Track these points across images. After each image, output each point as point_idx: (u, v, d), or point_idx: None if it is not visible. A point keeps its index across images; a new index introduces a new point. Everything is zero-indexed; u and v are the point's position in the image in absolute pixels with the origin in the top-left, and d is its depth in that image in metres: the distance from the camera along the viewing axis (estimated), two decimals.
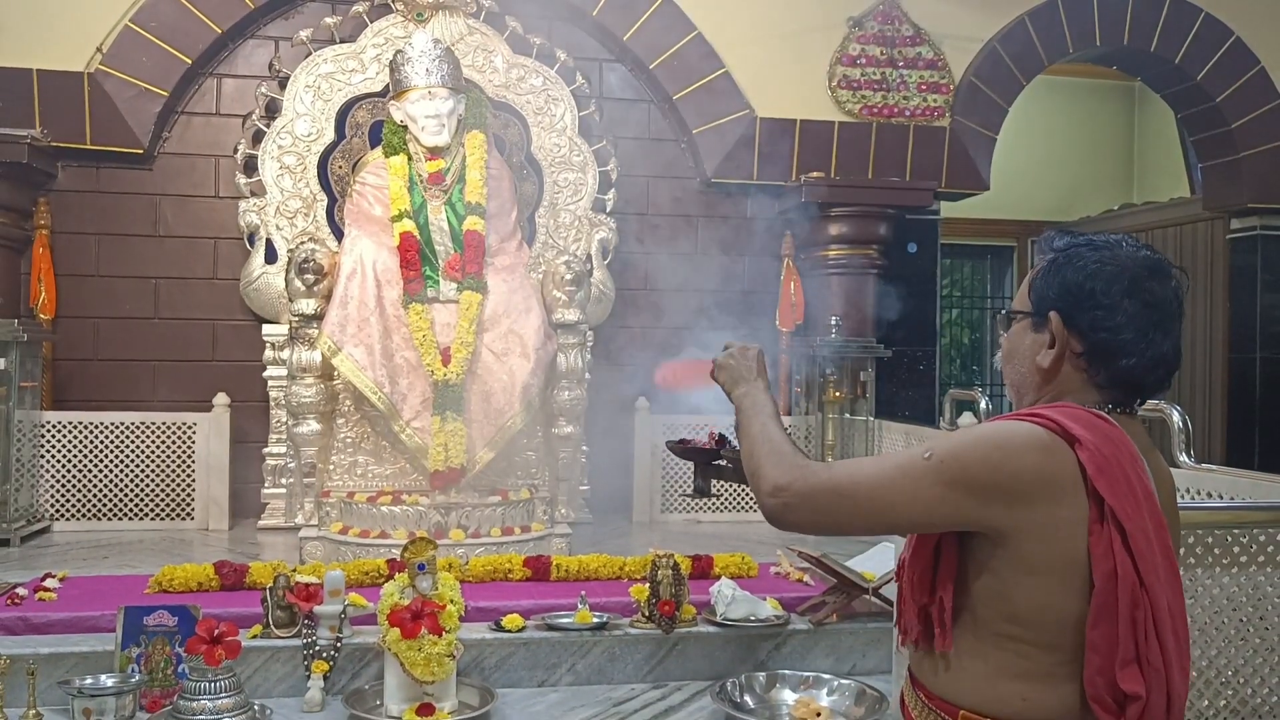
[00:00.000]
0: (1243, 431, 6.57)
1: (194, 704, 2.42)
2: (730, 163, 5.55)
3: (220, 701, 2.44)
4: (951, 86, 5.74)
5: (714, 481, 2.05)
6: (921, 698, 1.49)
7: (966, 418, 4.70)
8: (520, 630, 2.87)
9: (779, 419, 1.63)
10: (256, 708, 2.52)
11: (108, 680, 2.48)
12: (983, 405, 4.73)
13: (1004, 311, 1.55)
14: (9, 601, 3.12)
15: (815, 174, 5.50)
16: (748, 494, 5.16)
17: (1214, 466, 3.53)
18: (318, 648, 2.70)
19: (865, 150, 5.66)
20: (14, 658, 2.25)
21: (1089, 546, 1.33)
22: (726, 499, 5.17)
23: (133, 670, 2.55)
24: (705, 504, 5.14)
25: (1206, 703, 2.52)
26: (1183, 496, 3.39)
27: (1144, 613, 1.32)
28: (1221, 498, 3.23)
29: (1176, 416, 3.40)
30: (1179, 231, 7.15)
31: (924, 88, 5.70)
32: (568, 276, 4.51)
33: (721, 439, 2.10)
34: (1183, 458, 3.41)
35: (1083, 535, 1.33)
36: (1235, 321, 6.63)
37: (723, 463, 2.02)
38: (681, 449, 2.11)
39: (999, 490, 1.34)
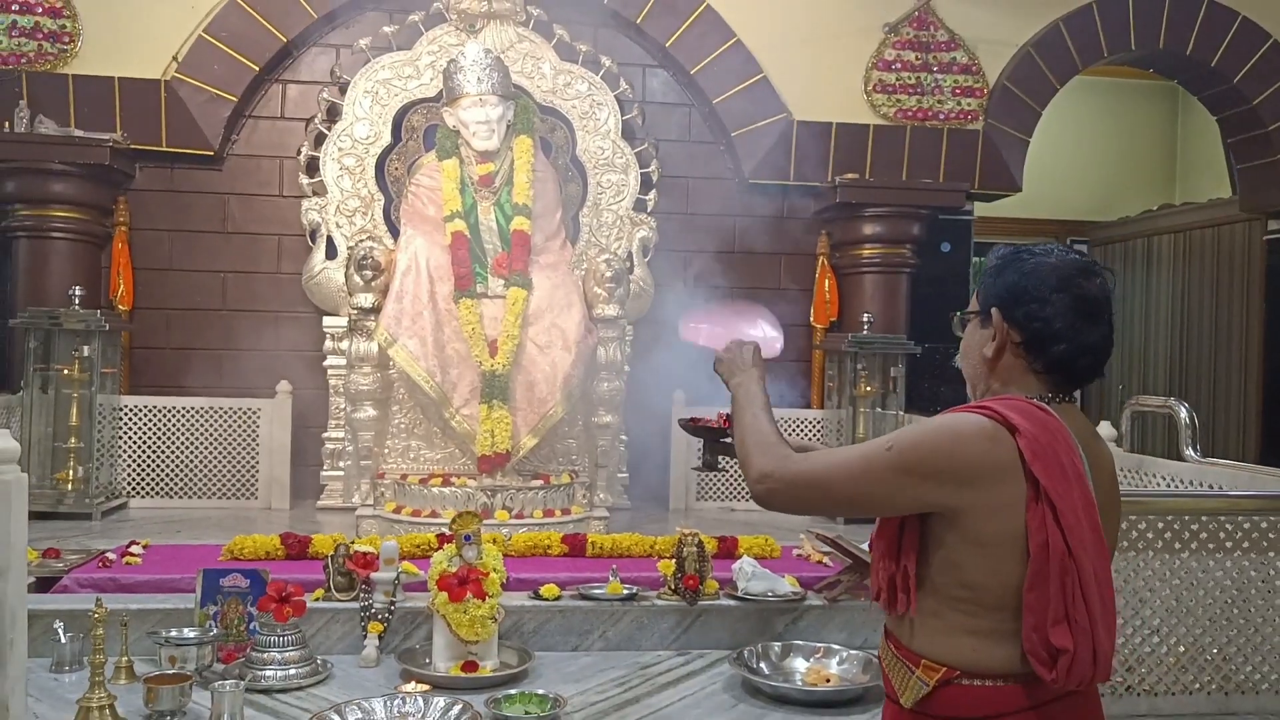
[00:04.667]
0: (1279, 430, 6.63)
1: (264, 655, 2.71)
2: (768, 164, 5.75)
3: (287, 654, 2.73)
4: (985, 90, 5.88)
5: (721, 457, 2.25)
6: (892, 649, 1.72)
7: None
8: (557, 599, 3.12)
9: (769, 410, 1.83)
10: (319, 661, 2.80)
11: (189, 633, 2.77)
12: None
13: (959, 313, 1.78)
14: (100, 564, 3.46)
15: (850, 175, 5.68)
16: None
17: (1217, 460, 3.68)
18: (374, 610, 2.97)
19: (899, 152, 5.83)
20: (109, 611, 2.55)
21: (1026, 521, 1.53)
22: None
23: (210, 626, 2.84)
24: (739, 493, 5.36)
25: (1192, 677, 2.70)
26: (1188, 488, 3.56)
27: (1072, 578, 1.52)
28: (1222, 489, 3.39)
29: (1184, 413, 3.57)
30: (1216, 232, 7.21)
31: (958, 91, 5.85)
32: (608, 274, 4.75)
33: (729, 419, 2.32)
34: (1189, 452, 3.57)
35: (1021, 512, 1.54)
36: (1271, 321, 6.69)
37: (729, 440, 2.22)
38: (692, 426, 2.33)
39: (952, 474, 1.55)
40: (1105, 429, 4.16)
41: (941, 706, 1.61)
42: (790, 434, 5.42)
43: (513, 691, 2.60)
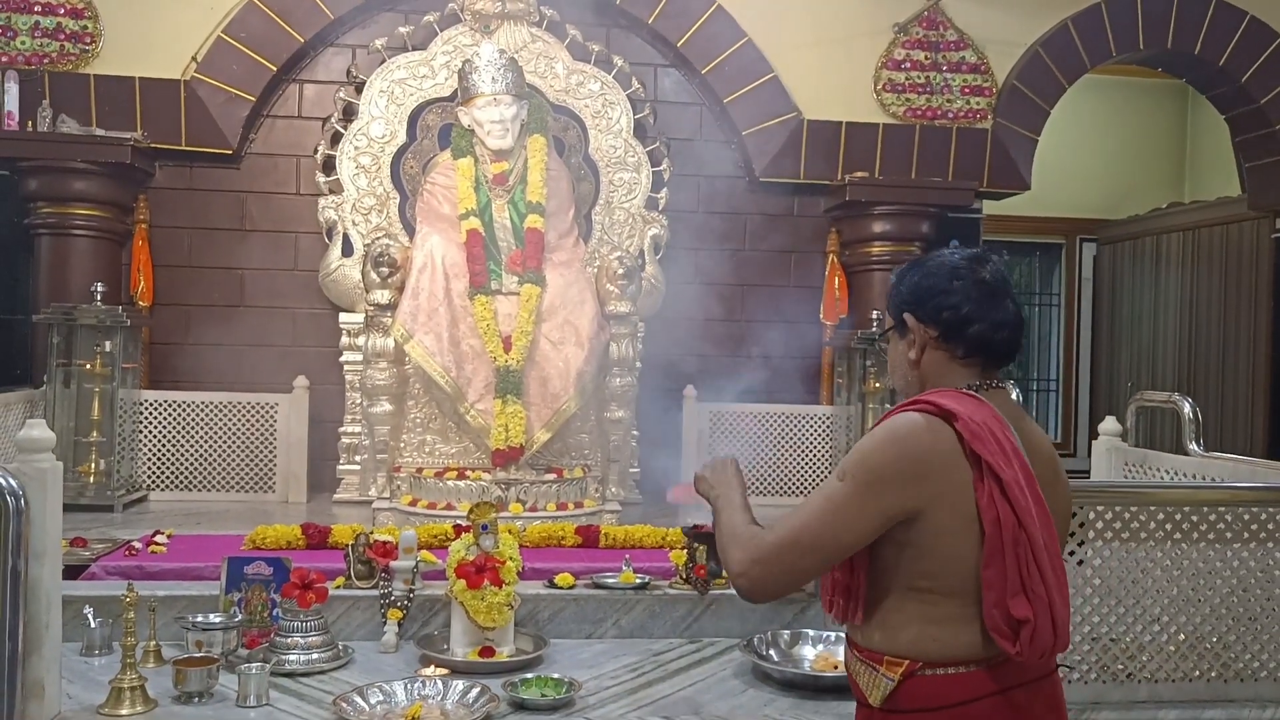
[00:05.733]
0: None
1: (287, 640, 2.79)
2: (778, 163, 5.81)
3: (310, 639, 2.80)
4: (994, 90, 5.93)
5: None
6: (855, 653, 1.77)
7: None
8: (571, 588, 3.19)
9: (747, 510, 1.83)
10: (340, 647, 2.87)
11: (215, 619, 2.85)
12: (1014, 396, 4.94)
13: (876, 336, 1.87)
14: (126, 553, 3.56)
15: (860, 174, 5.74)
16: (790, 480, 5.44)
17: (1220, 454, 3.74)
18: (393, 598, 3.04)
19: (908, 151, 5.88)
20: (139, 596, 2.63)
21: (976, 501, 1.60)
22: (773, 482, 5.45)
23: (235, 612, 2.91)
24: (751, 488, 5.37)
25: (1192, 664, 2.75)
26: (1190, 480, 3.61)
27: (1025, 550, 1.59)
28: (1224, 482, 3.45)
29: (1187, 408, 3.63)
30: (1225, 230, 7.25)
31: (967, 91, 5.91)
32: (620, 271, 4.83)
33: None
34: (1192, 446, 3.63)
35: (971, 494, 1.61)
36: (1279, 319, 6.73)
37: None
38: (697, 534, 2.40)
39: (907, 476, 1.61)
40: (1111, 424, 4.22)
41: (909, 700, 1.65)
42: (799, 430, 5.50)
43: (529, 676, 2.67)
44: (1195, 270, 7.52)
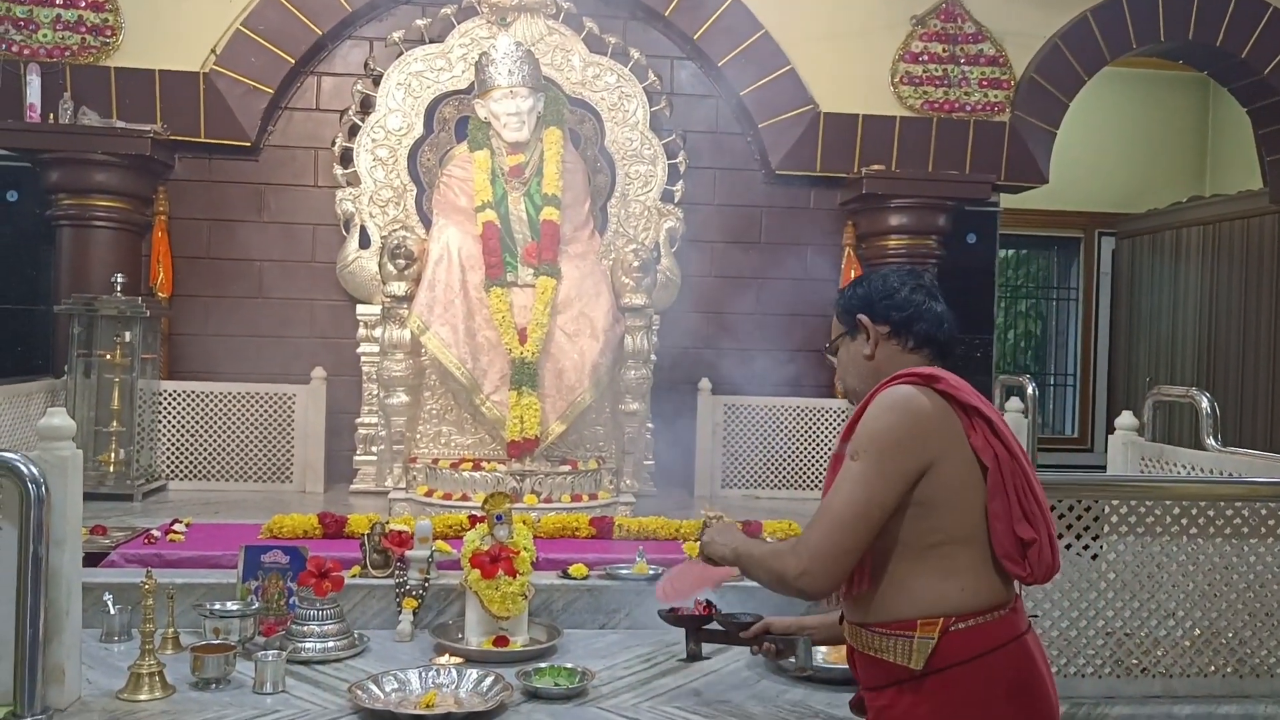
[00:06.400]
0: None
1: (304, 628, 2.82)
2: (794, 156, 5.80)
3: (326, 628, 2.83)
4: (1012, 82, 5.90)
5: (704, 645, 2.55)
6: (876, 631, 1.83)
7: (1014, 402, 4.90)
8: (585, 578, 3.21)
9: (763, 544, 2.07)
10: (356, 635, 2.90)
11: (232, 606, 2.88)
12: (1030, 390, 4.93)
13: (825, 347, 2.10)
14: (145, 541, 3.59)
15: (876, 167, 5.72)
16: (804, 473, 5.44)
17: (1237, 449, 3.72)
18: (408, 587, 3.07)
19: (925, 144, 5.86)
20: (157, 583, 2.66)
21: (972, 445, 1.81)
22: (787, 475, 5.45)
23: (252, 600, 2.94)
24: (764, 480, 5.43)
25: (1207, 660, 2.75)
26: (1207, 475, 3.60)
27: (1020, 479, 1.82)
28: (1241, 477, 3.43)
29: (1205, 402, 3.60)
30: (1246, 224, 7.19)
31: (985, 83, 5.87)
32: (635, 264, 4.83)
33: (709, 605, 2.52)
34: (1210, 441, 3.61)
35: (965, 443, 1.81)
36: None
37: (714, 626, 2.46)
38: (673, 618, 2.49)
39: (914, 434, 1.79)
40: (1127, 419, 4.20)
41: (948, 656, 1.75)
42: (813, 423, 5.49)
43: (542, 665, 2.69)
44: (1216, 264, 7.46)
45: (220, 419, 5.24)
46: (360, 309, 5.36)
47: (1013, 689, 1.78)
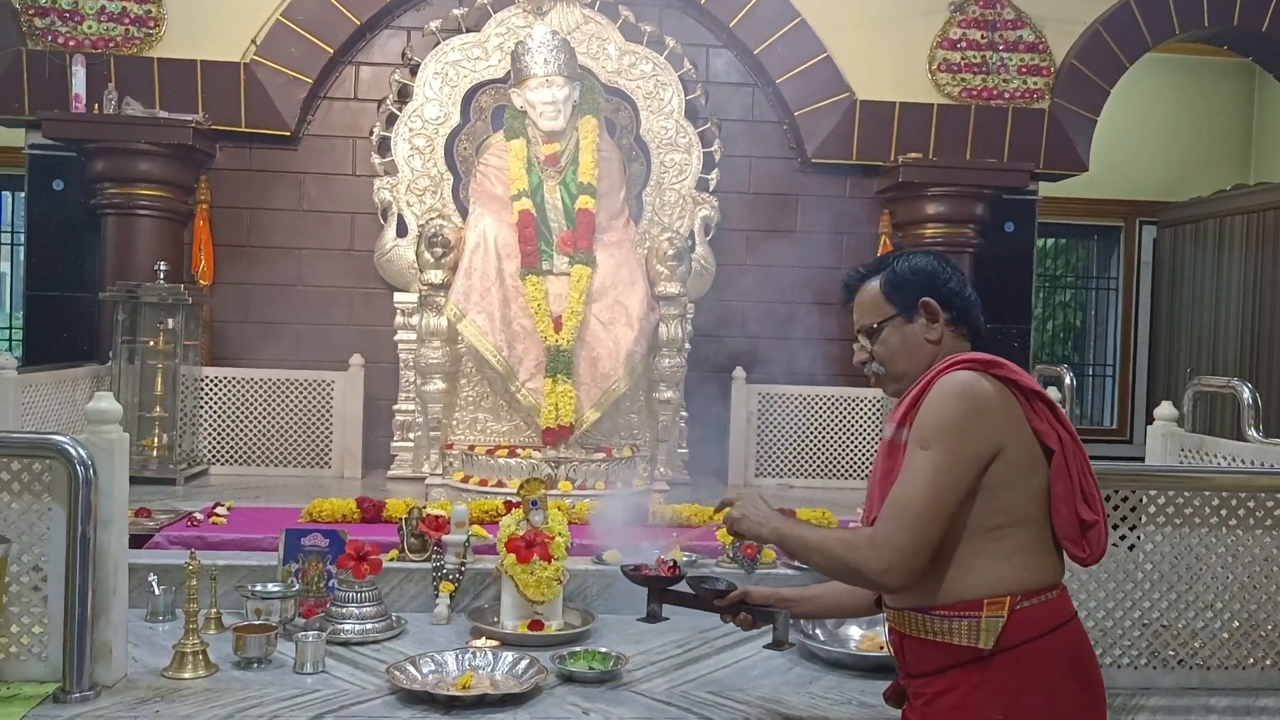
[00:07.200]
0: None
1: (343, 610, 2.86)
2: (830, 144, 5.78)
3: (364, 609, 2.88)
4: (1052, 69, 5.83)
5: (664, 606, 2.42)
6: (937, 615, 1.83)
7: (1051, 392, 4.85)
8: (619, 564, 3.23)
9: (815, 528, 2.05)
10: (393, 618, 2.94)
11: (273, 588, 2.93)
12: (1068, 380, 4.89)
13: (863, 332, 2.02)
14: (188, 524, 3.67)
15: (913, 155, 5.68)
16: (838, 462, 5.43)
17: (1279, 441, 3.67)
18: (445, 571, 3.11)
19: (963, 132, 5.81)
20: (201, 565, 2.72)
21: (1034, 428, 1.83)
22: (821, 464, 5.44)
23: (292, 582, 2.99)
24: (797, 469, 5.43)
25: (1245, 652, 2.72)
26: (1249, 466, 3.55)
27: (1081, 460, 1.86)
28: None
29: (1246, 393, 3.56)
30: None
31: (1024, 70, 5.81)
32: (670, 252, 4.84)
33: (674, 565, 2.42)
34: (1251, 432, 3.56)
35: (1027, 427, 1.83)
36: None
37: (683, 589, 2.36)
38: (637, 576, 2.40)
39: (983, 420, 1.81)
40: (1167, 409, 4.15)
41: (1016, 635, 1.78)
42: (848, 413, 5.47)
43: (577, 649, 2.72)
44: (1260, 253, 7.33)
45: (260, 405, 5.32)
46: (398, 297, 5.42)
47: (1071, 665, 1.82)
